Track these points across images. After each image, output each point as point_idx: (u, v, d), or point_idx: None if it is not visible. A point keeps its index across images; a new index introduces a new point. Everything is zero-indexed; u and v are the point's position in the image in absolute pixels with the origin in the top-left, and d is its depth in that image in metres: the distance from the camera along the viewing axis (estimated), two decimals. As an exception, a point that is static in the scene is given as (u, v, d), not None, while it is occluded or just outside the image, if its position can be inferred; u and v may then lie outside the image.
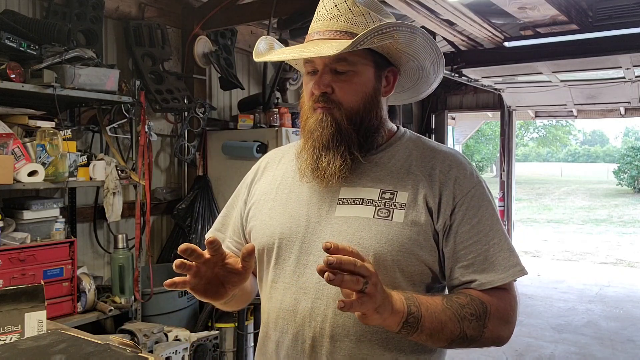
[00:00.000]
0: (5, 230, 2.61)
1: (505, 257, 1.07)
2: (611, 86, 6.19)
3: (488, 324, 1.02)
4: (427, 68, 1.16)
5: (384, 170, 1.11)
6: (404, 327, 0.94)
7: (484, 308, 1.02)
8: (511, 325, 1.07)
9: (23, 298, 1.30)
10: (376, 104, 1.12)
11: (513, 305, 1.07)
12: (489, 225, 1.08)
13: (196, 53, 3.90)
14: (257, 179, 1.26)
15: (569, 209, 18.38)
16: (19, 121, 2.73)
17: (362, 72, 1.09)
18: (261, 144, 3.62)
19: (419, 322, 0.95)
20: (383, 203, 1.07)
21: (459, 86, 7.14)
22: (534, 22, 4.46)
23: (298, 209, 1.13)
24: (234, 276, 1.04)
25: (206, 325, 3.30)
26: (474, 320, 1.00)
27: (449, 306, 1.00)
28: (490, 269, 1.06)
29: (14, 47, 2.55)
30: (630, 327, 5.14)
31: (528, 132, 33.91)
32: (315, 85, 1.08)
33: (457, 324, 0.99)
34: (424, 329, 0.96)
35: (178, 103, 3.63)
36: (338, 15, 1.08)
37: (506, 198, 7.47)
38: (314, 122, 1.10)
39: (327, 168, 1.08)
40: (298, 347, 1.07)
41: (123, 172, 3.10)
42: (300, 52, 1.08)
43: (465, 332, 0.99)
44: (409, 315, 0.94)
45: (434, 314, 0.97)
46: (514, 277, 1.06)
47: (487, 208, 1.10)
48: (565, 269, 8.11)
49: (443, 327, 0.98)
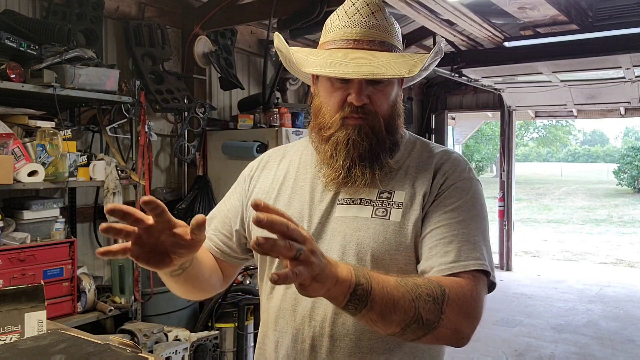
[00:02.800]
0: (5, 230, 2.61)
1: (469, 249, 1.01)
2: (611, 86, 6.19)
3: (446, 309, 0.92)
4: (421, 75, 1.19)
5: (384, 171, 1.11)
6: (352, 300, 0.85)
7: (441, 291, 0.93)
8: (473, 320, 0.97)
9: (23, 298, 1.30)
10: (400, 110, 1.14)
11: (476, 299, 0.98)
12: (464, 216, 1.05)
13: (196, 53, 3.90)
14: (256, 176, 1.25)
15: (569, 209, 18.39)
16: (19, 121, 2.73)
17: (392, 81, 1.10)
18: (261, 144, 3.62)
19: (368, 296, 0.86)
20: (381, 203, 1.07)
21: (459, 86, 7.15)
22: (534, 22, 4.46)
23: (300, 209, 1.13)
24: (182, 247, 0.92)
25: (206, 325, 3.30)
26: (431, 302, 0.91)
27: (403, 283, 0.91)
28: (451, 253, 1.01)
29: (14, 47, 2.55)
30: (630, 327, 5.14)
31: (528, 132, 33.91)
32: (357, 97, 1.05)
33: (412, 303, 0.89)
34: (374, 305, 0.86)
35: (178, 103, 3.63)
36: (376, 25, 1.07)
37: (506, 198, 7.47)
38: (345, 135, 1.07)
39: (362, 177, 1.07)
40: (298, 347, 1.07)
41: (123, 172, 3.10)
42: (355, 67, 1.01)
43: (420, 313, 0.90)
44: (356, 286, 0.85)
45: (385, 289, 0.88)
46: (475, 267, 1.00)
47: (469, 202, 1.06)
48: (565, 269, 8.11)
49: (395, 304, 0.88)
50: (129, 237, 0.88)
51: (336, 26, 1.10)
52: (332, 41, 1.10)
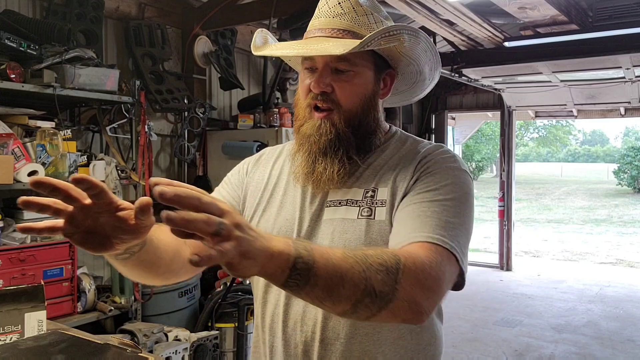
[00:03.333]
0: (5, 230, 2.61)
1: (437, 225, 0.94)
2: (611, 86, 6.19)
3: (401, 279, 0.82)
4: (424, 73, 1.15)
5: (369, 170, 1.10)
6: (292, 275, 0.75)
7: (395, 260, 0.84)
8: (432, 293, 0.87)
9: (23, 298, 1.30)
10: (374, 106, 1.10)
11: (436, 270, 0.88)
12: (439, 198, 0.99)
13: (196, 53, 3.90)
14: (250, 170, 1.24)
15: (569, 209, 18.39)
16: (19, 121, 2.73)
17: (362, 73, 1.07)
18: (261, 144, 3.62)
19: (311, 269, 0.75)
20: (366, 202, 1.05)
21: (459, 86, 7.15)
22: (534, 22, 4.46)
23: (292, 212, 1.12)
24: (125, 232, 0.80)
25: (206, 325, 3.30)
26: (384, 272, 0.81)
27: (351, 255, 0.81)
28: (415, 226, 0.95)
29: (14, 47, 2.55)
30: (630, 327, 5.14)
31: (528, 132, 33.92)
32: (315, 84, 1.05)
33: (362, 274, 0.80)
34: (318, 280, 0.76)
35: (178, 103, 3.63)
36: (341, 14, 1.06)
37: (506, 198, 7.46)
38: (311, 127, 1.07)
39: (323, 173, 1.06)
40: (290, 352, 1.07)
41: (123, 172, 3.10)
42: (304, 49, 1.05)
43: (372, 284, 0.80)
44: (297, 259, 0.75)
45: (330, 261, 0.78)
46: (437, 242, 0.92)
47: (448, 187, 1.01)
48: (565, 269, 8.10)
49: (343, 277, 0.78)
50: (59, 214, 0.76)
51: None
52: (305, 35, 1.12)
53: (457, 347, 4.51)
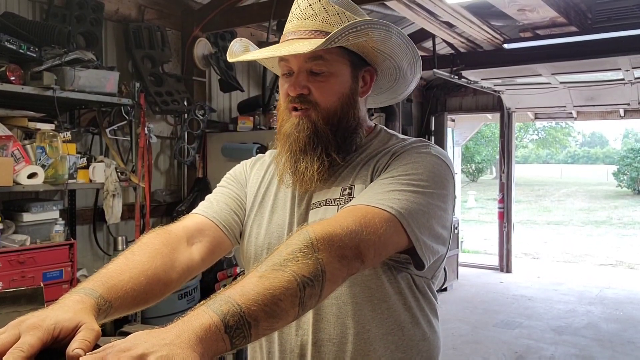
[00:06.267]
0: (4, 233, 2.60)
1: (380, 192, 0.95)
2: (610, 88, 6.19)
3: (318, 247, 0.81)
4: (403, 68, 1.15)
5: (349, 168, 1.10)
6: (233, 335, 0.70)
7: (303, 236, 0.82)
8: (354, 235, 0.86)
9: (22, 300, 1.30)
10: (353, 104, 1.10)
11: (348, 216, 0.89)
12: (396, 174, 0.99)
13: (196, 55, 3.90)
14: (248, 171, 1.25)
15: (569, 210, 18.38)
16: (18, 123, 2.73)
17: (338, 72, 1.07)
18: (261, 146, 3.62)
19: (243, 316, 0.70)
20: (344, 200, 1.05)
21: (459, 88, 7.15)
22: (533, 24, 4.47)
23: (283, 216, 1.12)
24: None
25: (206, 327, 3.29)
26: (300, 256, 0.79)
27: (266, 267, 0.78)
28: (359, 196, 0.97)
29: (13, 50, 2.55)
30: (630, 329, 5.13)
31: (527, 134, 33.91)
32: (291, 87, 1.06)
33: (287, 275, 0.76)
34: (257, 316, 0.72)
35: (178, 105, 3.63)
36: (312, 15, 1.07)
37: (506, 200, 7.46)
38: (290, 125, 1.07)
39: (305, 172, 1.06)
40: (287, 357, 1.07)
41: (123, 174, 3.10)
42: (274, 51, 1.06)
43: (301, 274, 0.78)
44: (223, 319, 0.69)
45: (252, 292, 0.73)
46: (369, 203, 0.92)
47: (409, 165, 1.00)
48: (565, 271, 8.10)
49: (273, 294, 0.74)
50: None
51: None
52: (281, 39, 1.12)
53: (457, 349, 4.51)
